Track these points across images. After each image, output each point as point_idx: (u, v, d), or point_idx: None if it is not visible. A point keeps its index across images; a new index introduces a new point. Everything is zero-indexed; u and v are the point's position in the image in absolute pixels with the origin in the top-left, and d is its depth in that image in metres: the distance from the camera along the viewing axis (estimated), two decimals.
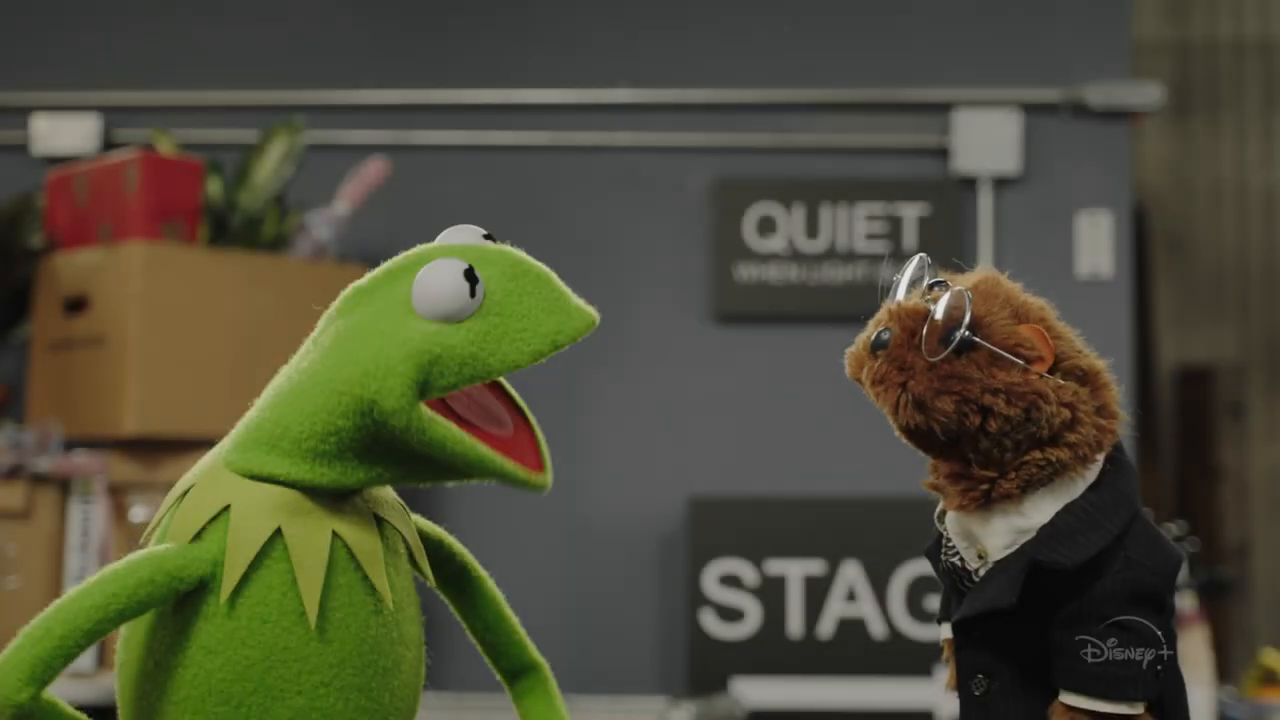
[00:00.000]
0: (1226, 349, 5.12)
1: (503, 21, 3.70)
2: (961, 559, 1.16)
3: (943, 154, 3.59)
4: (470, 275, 1.10)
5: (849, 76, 3.64)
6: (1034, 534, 1.13)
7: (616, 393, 3.56)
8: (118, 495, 2.92)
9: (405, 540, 1.19)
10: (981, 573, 1.15)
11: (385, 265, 1.16)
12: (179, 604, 1.11)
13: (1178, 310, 5.12)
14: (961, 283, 1.18)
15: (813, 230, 3.57)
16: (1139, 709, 1.12)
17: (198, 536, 1.12)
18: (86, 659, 2.86)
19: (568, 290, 1.14)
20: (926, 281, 1.19)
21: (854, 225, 3.56)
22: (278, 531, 1.11)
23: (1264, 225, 5.13)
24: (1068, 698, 1.12)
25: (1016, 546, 1.13)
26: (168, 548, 1.11)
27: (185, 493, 1.16)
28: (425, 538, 1.25)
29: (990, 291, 1.18)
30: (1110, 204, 3.56)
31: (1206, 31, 5.18)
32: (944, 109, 3.60)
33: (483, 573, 1.27)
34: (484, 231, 1.17)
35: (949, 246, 3.51)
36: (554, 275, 1.14)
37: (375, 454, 1.12)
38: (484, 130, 3.63)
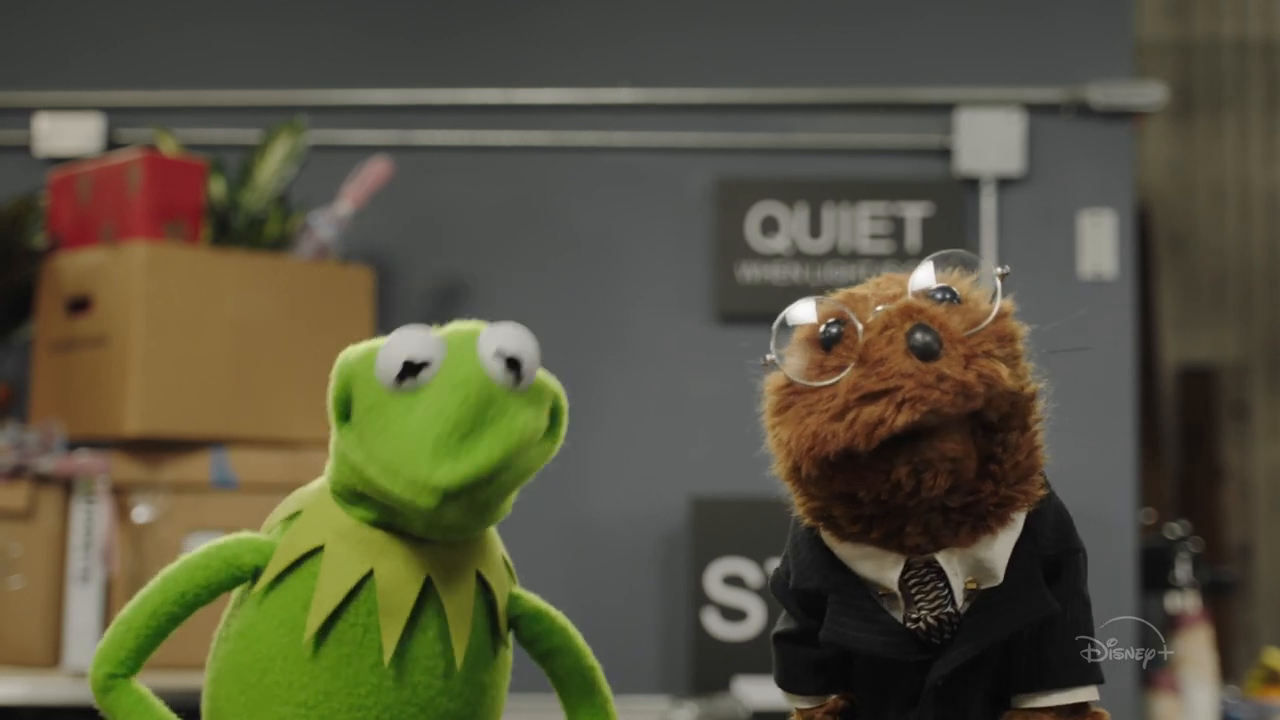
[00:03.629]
0: (1229, 348, 5.12)
1: (504, 22, 3.70)
2: (954, 607, 1.02)
3: (945, 154, 3.59)
4: (410, 367, 1.10)
5: (851, 77, 3.64)
6: (1021, 532, 1.03)
7: (618, 393, 3.56)
8: (121, 495, 2.92)
9: (494, 604, 1.20)
10: (961, 609, 1.03)
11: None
12: (246, 587, 1.18)
13: (1180, 310, 5.12)
14: (857, 294, 1.07)
15: (815, 230, 3.57)
16: (1096, 695, 1.06)
17: (297, 564, 1.16)
18: (89, 659, 2.86)
19: (458, 443, 1.09)
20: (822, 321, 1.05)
21: (857, 225, 3.56)
22: (369, 574, 1.15)
23: (1267, 225, 5.13)
24: (1036, 699, 1.03)
25: (1009, 555, 1.03)
26: (227, 538, 1.18)
27: (295, 514, 1.20)
28: (529, 609, 1.25)
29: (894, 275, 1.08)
30: (1113, 204, 3.56)
31: (1209, 31, 5.18)
32: (947, 109, 3.60)
33: (587, 662, 1.29)
34: (522, 353, 1.14)
35: (951, 246, 3.50)
36: (468, 419, 1.09)
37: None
38: (486, 130, 3.63)
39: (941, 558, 1.02)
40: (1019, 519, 1.03)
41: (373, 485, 1.11)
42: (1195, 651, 3.64)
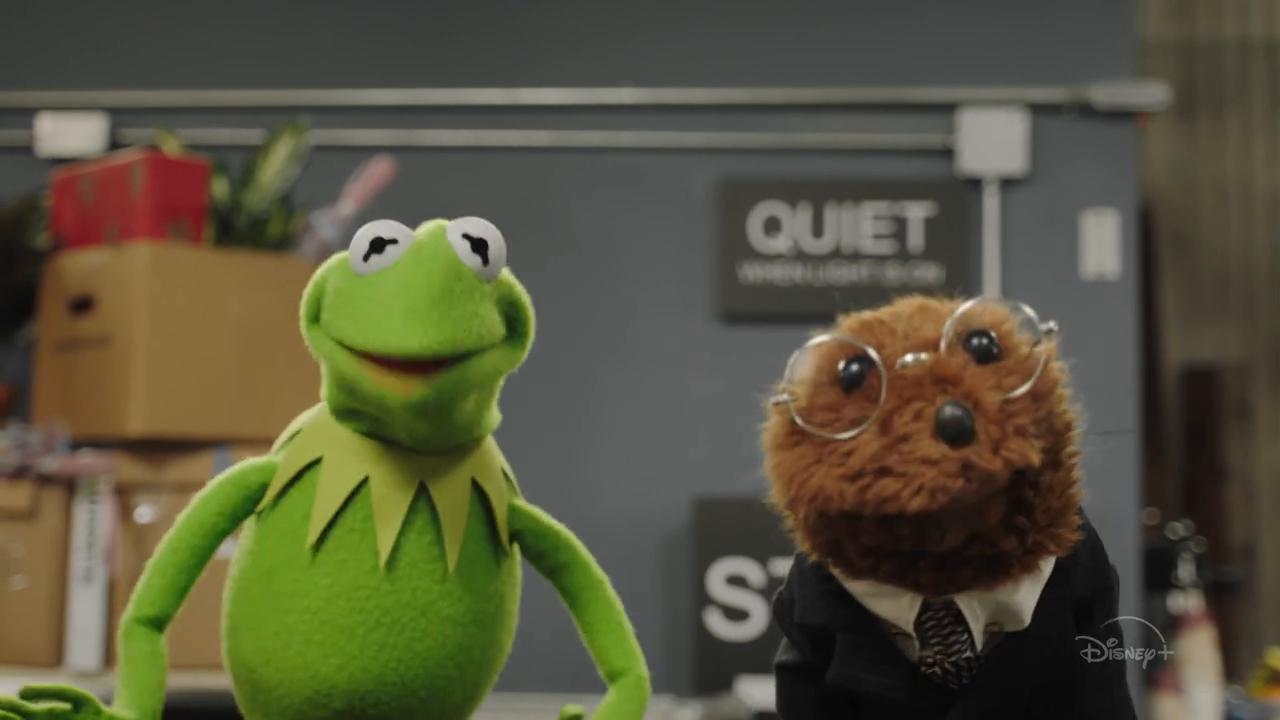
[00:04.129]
0: (1232, 348, 5.11)
1: (507, 22, 3.70)
2: (973, 652, 0.94)
3: (948, 154, 3.59)
4: (376, 244, 1.15)
5: (854, 76, 3.64)
6: (1050, 574, 0.94)
7: (621, 393, 3.56)
8: (123, 495, 2.92)
9: (491, 512, 1.21)
10: (982, 652, 0.94)
11: None
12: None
13: (1183, 310, 5.12)
14: (890, 314, 0.94)
15: (818, 230, 3.57)
16: None
17: (298, 477, 1.19)
18: (92, 658, 2.86)
19: (440, 313, 1.10)
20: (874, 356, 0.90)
21: (859, 225, 3.56)
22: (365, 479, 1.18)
23: (1269, 224, 5.13)
24: None
25: (1041, 592, 0.94)
26: (234, 466, 1.21)
27: (295, 434, 1.23)
28: (533, 524, 1.26)
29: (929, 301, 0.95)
30: (1116, 204, 3.56)
31: (1212, 31, 5.18)
32: (949, 109, 3.60)
33: (595, 577, 1.31)
34: (478, 236, 1.17)
35: (954, 246, 3.51)
36: (443, 294, 1.11)
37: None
38: (488, 130, 3.63)
39: (961, 601, 0.93)
40: (1048, 565, 0.93)
41: (345, 376, 1.14)
42: (1198, 652, 3.64)
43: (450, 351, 1.10)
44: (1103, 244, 3.54)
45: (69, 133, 3.63)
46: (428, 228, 1.18)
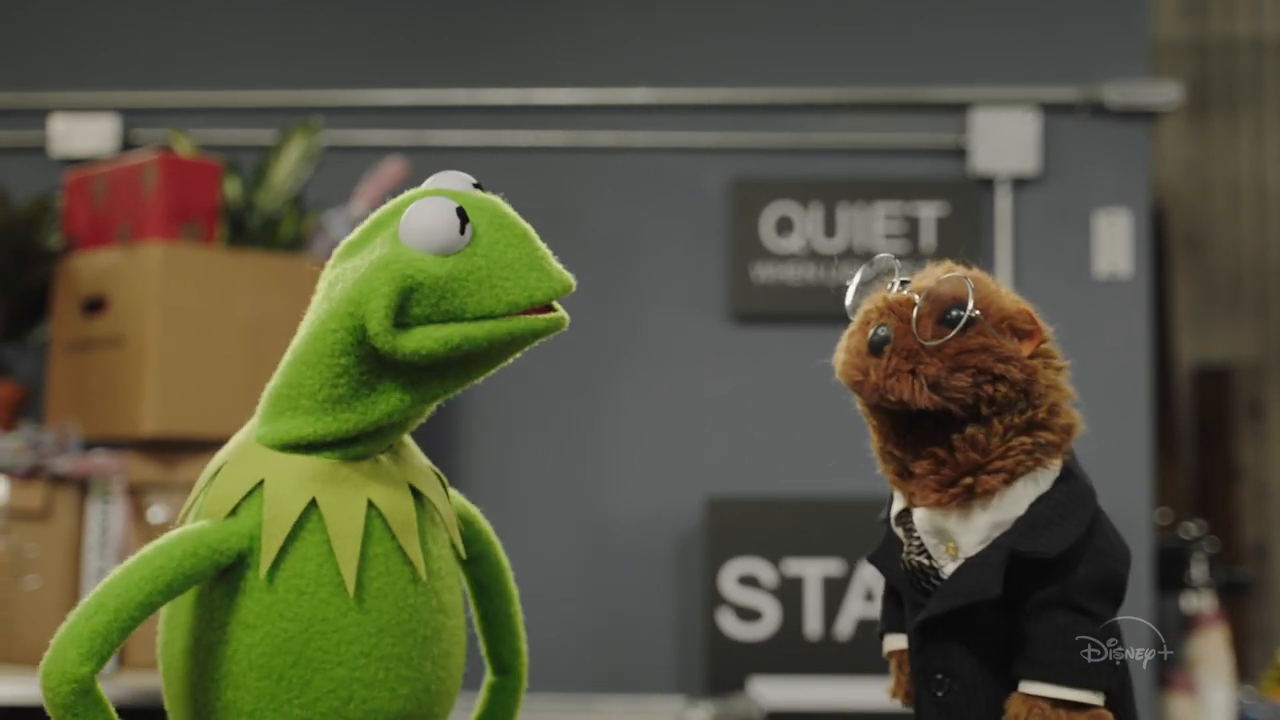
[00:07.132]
0: (1245, 348, 5.10)
1: (521, 22, 3.70)
2: (929, 556, 1.18)
3: (961, 154, 3.59)
4: (461, 214, 1.12)
5: (867, 76, 3.63)
6: (1009, 526, 1.14)
7: (634, 393, 3.56)
8: (136, 495, 2.93)
9: (439, 511, 1.20)
10: (949, 569, 1.16)
11: (373, 214, 1.18)
12: (217, 580, 1.13)
13: (1196, 309, 5.11)
14: (934, 274, 1.20)
15: (830, 230, 3.57)
16: (1099, 699, 1.13)
17: (233, 513, 1.13)
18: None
19: (547, 251, 1.16)
20: (897, 280, 1.20)
21: (872, 225, 3.56)
22: (313, 502, 1.12)
23: None
24: (1031, 686, 1.13)
25: (991, 540, 1.15)
26: (205, 524, 1.13)
27: (218, 470, 1.17)
28: (457, 513, 1.26)
29: (978, 275, 1.19)
30: (1129, 203, 3.56)
31: (1225, 30, 5.17)
32: (962, 108, 3.59)
33: (503, 563, 1.30)
34: (473, 180, 1.18)
35: (967, 246, 3.51)
36: (534, 234, 1.17)
37: (386, 378, 1.14)
38: (501, 130, 3.64)
39: (915, 512, 1.19)
40: (978, 509, 1.15)
41: (491, 339, 1.12)
42: (1211, 652, 3.63)
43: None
44: (1115, 244, 3.53)
45: (82, 133, 3.63)
46: (470, 198, 1.16)
